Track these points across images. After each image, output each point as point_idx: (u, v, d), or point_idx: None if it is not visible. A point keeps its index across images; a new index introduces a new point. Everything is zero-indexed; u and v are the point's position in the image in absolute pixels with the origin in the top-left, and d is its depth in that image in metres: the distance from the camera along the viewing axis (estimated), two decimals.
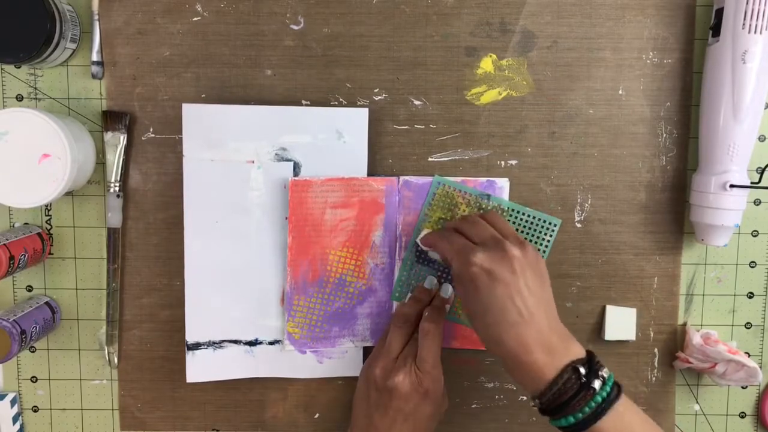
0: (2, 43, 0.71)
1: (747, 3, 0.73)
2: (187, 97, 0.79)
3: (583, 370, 0.63)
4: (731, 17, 0.74)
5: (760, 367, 0.81)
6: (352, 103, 0.80)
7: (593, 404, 0.62)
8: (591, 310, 0.83)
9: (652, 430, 0.65)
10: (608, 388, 0.63)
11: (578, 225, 0.82)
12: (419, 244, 0.79)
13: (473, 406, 0.84)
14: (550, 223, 0.80)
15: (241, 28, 0.78)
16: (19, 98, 0.79)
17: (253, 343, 0.81)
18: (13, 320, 0.74)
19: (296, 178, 0.79)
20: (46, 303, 0.79)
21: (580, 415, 0.62)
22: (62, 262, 0.81)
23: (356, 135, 0.79)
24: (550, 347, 0.64)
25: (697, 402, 0.85)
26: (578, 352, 0.65)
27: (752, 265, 0.84)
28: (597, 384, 0.63)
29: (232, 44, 0.79)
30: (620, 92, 0.80)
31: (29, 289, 0.81)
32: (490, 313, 0.65)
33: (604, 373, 0.64)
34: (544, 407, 0.64)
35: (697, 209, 0.78)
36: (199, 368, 0.81)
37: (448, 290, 0.78)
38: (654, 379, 0.84)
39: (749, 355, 0.84)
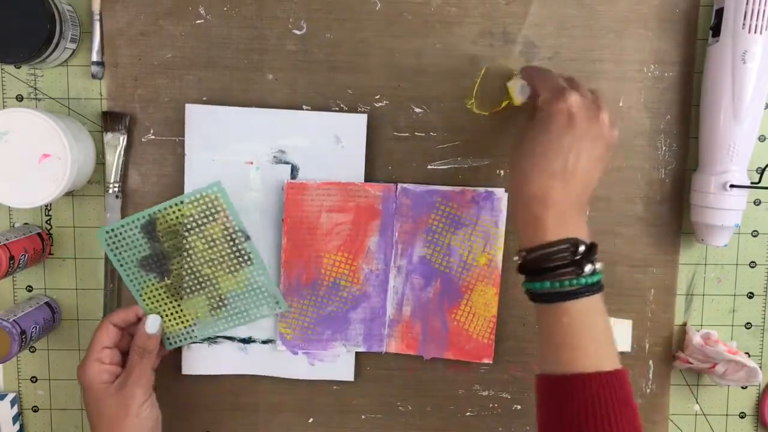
0: (2, 43, 0.72)
1: (747, 3, 0.73)
2: (188, 100, 0.79)
3: (581, 249, 0.63)
4: (731, 17, 0.74)
5: (760, 367, 0.82)
6: (352, 109, 0.80)
7: (575, 282, 0.62)
8: None
9: (608, 346, 0.64)
10: (595, 279, 0.63)
11: None
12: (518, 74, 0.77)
13: (467, 414, 0.84)
14: (211, 192, 0.79)
15: (243, 31, 0.78)
16: (19, 98, 0.79)
17: (246, 341, 0.82)
18: (13, 320, 0.74)
19: (292, 181, 0.79)
20: (46, 303, 0.80)
21: (558, 284, 0.62)
22: (62, 262, 0.81)
23: (354, 140, 0.79)
24: (565, 215, 0.64)
25: (697, 402, 0.86)
26: (586, 235, 0.65)
27: (752, 265, 0.84)
28: (588, 268, 0.62)
29: (235, 48, 0.79)
30: (621, 104, 0.80)
31: (29, 289, 0.82)
32: (542, 150, 0.65)
33: (598, 266, 0.63)
34: (527, 265, 0.64)
35: (697, 209, 0.79)
36: (194, 362, 0.82)
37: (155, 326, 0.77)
38: (649, 390, 0.84)
39: (749, 355, 0.84)
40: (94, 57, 0.78)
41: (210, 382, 0.83)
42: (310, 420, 0.84)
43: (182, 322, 0.80)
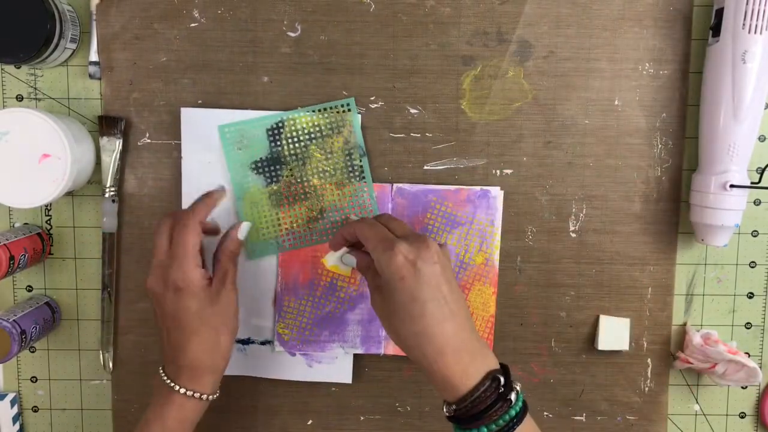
0: (2, 43, 0.72)
1: (747, 3, 0.73)
2: (183, 103, 0.79)
3: (502, 380, 0.62)
4: (731, 17, 0.74)
5: (760, 367, 0.82)
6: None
7: (507, 417, 0.61)
8: (585, 319, 0.83)
9: None
10: (521, 403, 0.62)
11: (573, 235, 0.82)
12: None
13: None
14: (343, 105, 0.80)
15: (238, 34, 0.79)
16: (19, 98, 0.80)
17: (245, 342, 0.82)
18: (13, 320, 0.75)
19: None
20: (46, 303, 0.80)
21: (494, 426, 0.61)
22: (62, 262, 0.82)
23: None
24: (473, 351, 0.63)
25: (697, 402, 0.85)
26: (495, 361, 0.64)
27: (752, 265, 0.83)
28: (513, 396, 0.62)
29: (229, 51, 0.79)
30: (616, 102, 0.80)
31: (29, 289, 0.83)
32: (417, 306, 0.62)
33: (517, 386, 0.63)
34: (458, 415, 0.62)
35: (697, 209, 0.78)
36: None
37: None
38: (647, 389, 0.84)
39: (749, 355, 0.84)
40: (92, 57, 0.79)
41: None
42: (309, 422, 0.84)
43: (275, 232, 0.80)
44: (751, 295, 0.84)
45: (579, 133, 0.80)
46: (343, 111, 0.79)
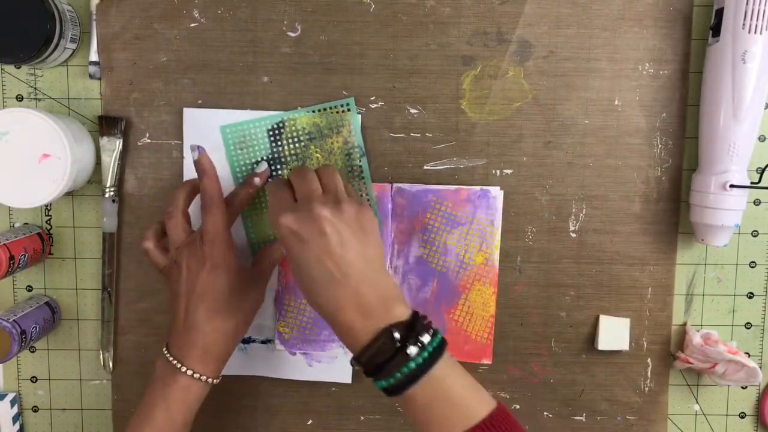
0: (2, 43, 0.72)
1: (747, 3, 0.73)
2: (183, 103, 0.79)
3: (397, 335, 0.61)
4: (731, 17, 0.74)
5: (760, 367, 0.82)
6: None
7: (405, 370, 0.60)
8: (585, 319, 0.83)
9: (473, 395, 0.63)
10: (426, 354, 0.61)
11: (573, 235, 0.82)
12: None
13: None
14: (343, 105, 0.80)
15: (238, 34, 0.79)
16: (19, 98, 0.80)
17: (246, 341, 0.82)
18: (13, 320, 0.75)
19: None
20: (46, 303, 0.80)
21: (392, 380, 0.61)
22: (62, 262, 0.82)
23: None
24: (366, 309, 0.63)
25: (697, 402, 0.85)
26: (401, 313, 0.63)
27: (752, 265, 0.83)
28: (413, 350, 0.61)
29: (229, 51, 0.79)
30: (616, 102, 0.80)
31: (29, 289, 0.83)
32: (304, 273, 0.64)
33: (425, 338, 0.62)
34: (363, 369, 0.63)
35: (697, 209, 0.78)
36: None
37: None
38: (647, 389, 0.84)
39: (749, 355, 0.84)
40: (92, 57, 0.79)
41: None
42: (309, 422, 0.84)
43: (275, 230, 0.79)
44: (751, 295, 0.84)
45: (579, 133, 0.80)
46: (343, 111, 0.79)
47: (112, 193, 0.79)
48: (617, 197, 0.81)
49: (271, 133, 0.79)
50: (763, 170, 0.79)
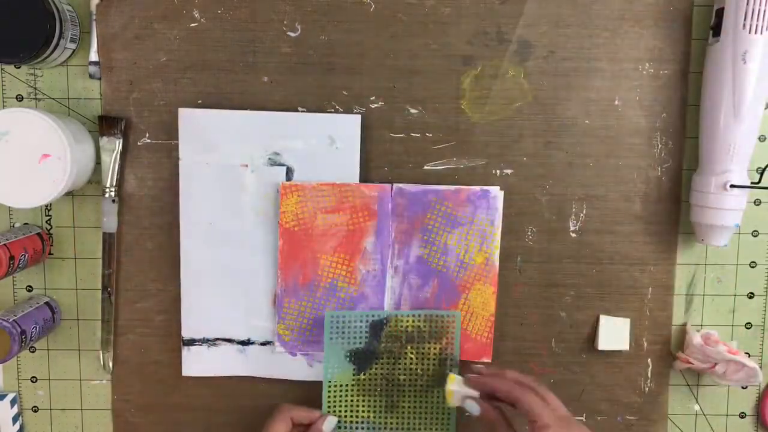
0: (2, 43, 0.72)
1: (747, 3, 0.73)
2: (183, 103, 0.79)
3: None
4: (732, 17, 0.74)
5: (760, 367, 0.82)
6: (348, 111, 0.80)
7: None
8: (585, 319, 0.83)
9: None
10: None
11: (573, 235, 0.82)
12: (461, 384, 0.77)
13: (466, 414, 0.84)
14: (449, 317, 0.81)
15: (238, 34, 0.79)
16: (19, 98, 0.80)
17: (245, 343, 0.82)
18: (13, 320, 0.75)
19: (287, 183, 0.79)
20: (46, 303, 0.80)
21: None
22: (62, 262, 0.82)
23: (349, 141, 0.80)
24: None
25: (697, 402, 0.85)
26: None
27: (752, 265, 0.84)
28: None
29: (229, 50, 0.79)
30: (616, 102, 0.80)
31: (29, 289, 0.83)
32: None
33: None
34: None
35: (697, 209, 0.78)
36: (194, 363, 0.82)
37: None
38: (647, 389, 0.84)
39: (749, 355, 0.84)
40: (92, 57, 0.79)
41: (209, 383, 0.83)
42: None
43: (352, 418, 0.81)
44: (751, 295, 0.84)
45: (579, 133, 0.80)
46: (449, 321, 0.80)
47: (112, 193, 0.79)
48: (617, 197, 0.81)
49: (373, 327, 0.80)
50: (763, 170, 0.79)
